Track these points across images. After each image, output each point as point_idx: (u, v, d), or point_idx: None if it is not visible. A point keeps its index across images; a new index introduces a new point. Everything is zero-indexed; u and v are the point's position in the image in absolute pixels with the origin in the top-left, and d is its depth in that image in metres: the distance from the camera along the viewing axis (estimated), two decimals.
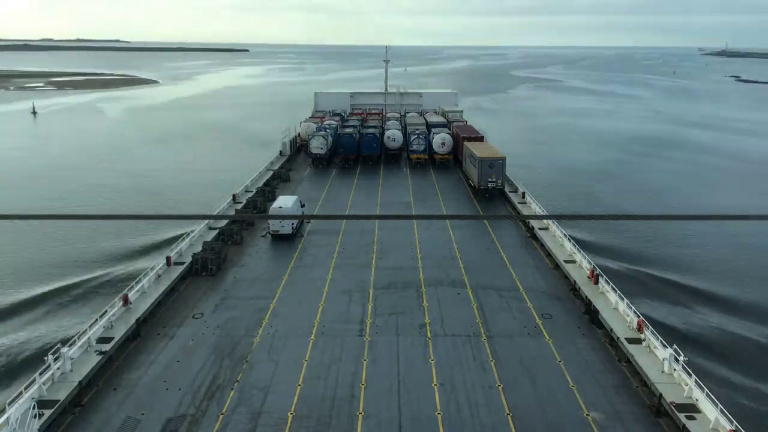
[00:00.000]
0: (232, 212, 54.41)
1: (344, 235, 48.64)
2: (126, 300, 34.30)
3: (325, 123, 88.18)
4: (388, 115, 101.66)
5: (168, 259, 40.77)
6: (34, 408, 23.96)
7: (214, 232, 47.46)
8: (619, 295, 34.58)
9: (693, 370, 27.08)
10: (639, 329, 31.39)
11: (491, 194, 61.86)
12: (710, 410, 24.54)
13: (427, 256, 44.42)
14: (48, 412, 24.55)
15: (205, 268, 41.00)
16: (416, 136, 77.22)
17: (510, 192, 61.93)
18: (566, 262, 41.52)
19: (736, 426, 23.35)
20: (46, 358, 27.00)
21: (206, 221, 48.96)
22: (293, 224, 47.69)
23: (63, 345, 28.10)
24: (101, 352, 29.30)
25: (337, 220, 46.10)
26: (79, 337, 29.53)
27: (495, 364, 29.54)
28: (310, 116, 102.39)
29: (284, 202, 49.01)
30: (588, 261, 40.25)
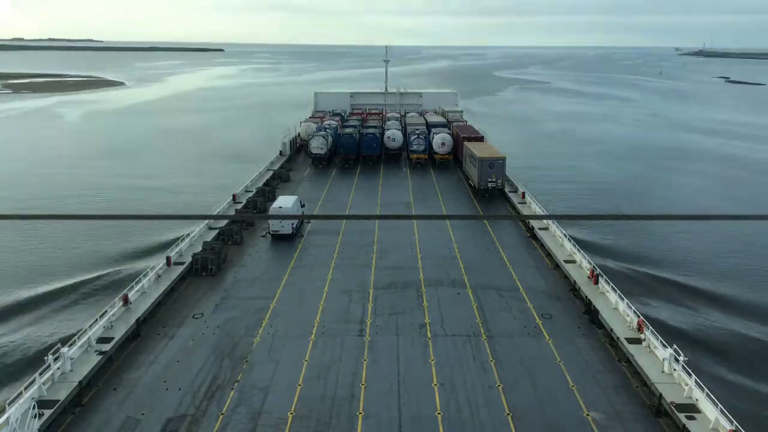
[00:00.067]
0: (232, 212, 54.45)
1: (344, 235, 48.66)
2: (126, 300, 34.31)
3: (325, 123, 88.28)
4: (388, 115, 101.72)
5: (168, 259, 40.80)
6: (34, 408, 23.96)
7: (214, 232, 47.50)
8: (619, 295, 34.59)
9: (693, 370, 27.08)
10: (639, 329, 31.40)
11: (491, 194, 61.90)
12: (710, 410, 24.54)
13: (427, 256, 44.43)
14: (48, 412, 24.55)
15: (205, 268, 41.02)
16: (416, 136, 77.26)
17: (510, 192, 61.97)
18: (566, 262, 41.54)
19: (736, 426, 23.34)
20: (46, 358, 27.01)
21: (206, 221, 49.01)
22: (293, 224, 47.71)
23: (63, 345, 28.11)
24: (101, 352, 29.30)
25: (337, 220, 46.07)
26: (79, 337, 29.54)
27: (495, 364, 29.54)
28: (310, 116, 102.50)
29: (284, 202, 49.04)
30: (588, 261, 40.27)
